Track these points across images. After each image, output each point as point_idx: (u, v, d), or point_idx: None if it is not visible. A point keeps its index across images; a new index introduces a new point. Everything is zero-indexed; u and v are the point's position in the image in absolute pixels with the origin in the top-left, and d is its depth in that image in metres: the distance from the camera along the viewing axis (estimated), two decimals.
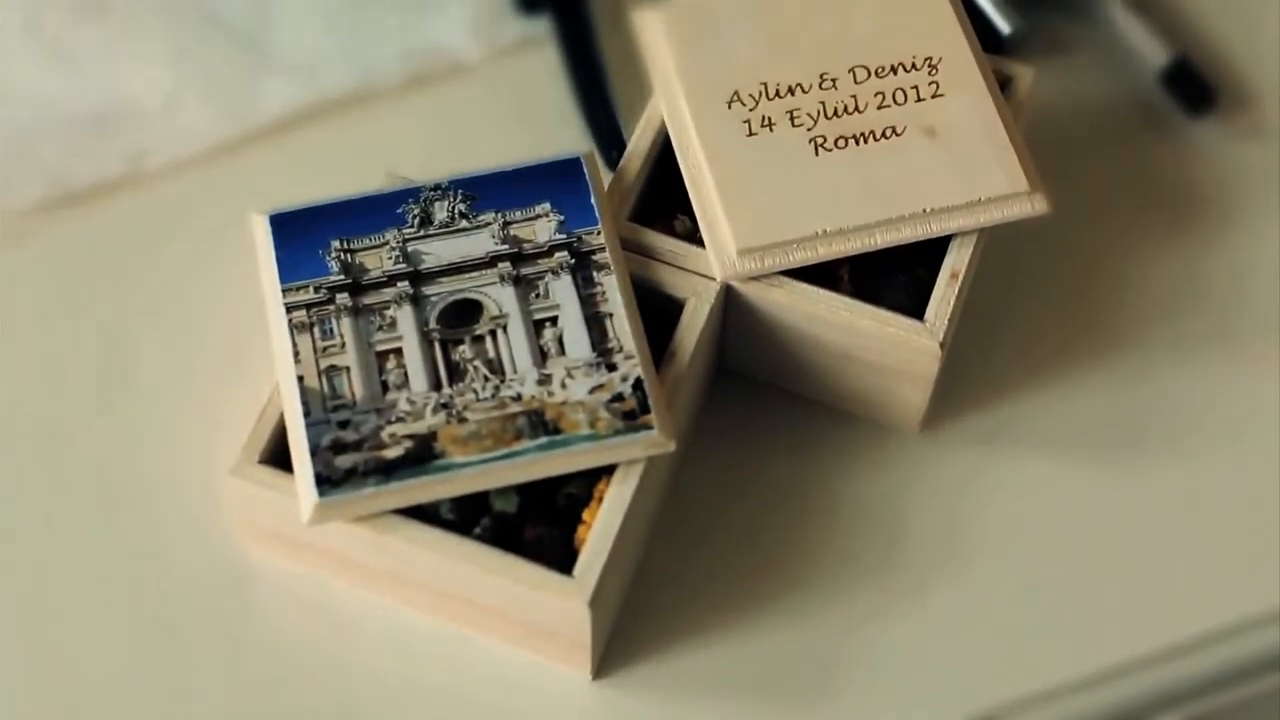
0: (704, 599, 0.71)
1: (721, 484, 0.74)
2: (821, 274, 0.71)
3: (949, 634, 0.71)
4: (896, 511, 0.73)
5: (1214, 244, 0.81)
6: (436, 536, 0.65)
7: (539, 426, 0.66)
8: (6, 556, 0.72)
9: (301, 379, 0.67)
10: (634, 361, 0.67)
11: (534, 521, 0.67)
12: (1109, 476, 0.75)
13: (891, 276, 0.72)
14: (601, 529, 0.65)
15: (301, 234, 0.70)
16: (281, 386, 0.67)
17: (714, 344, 0.74)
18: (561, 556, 0.65)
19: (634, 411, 0.66)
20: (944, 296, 0.71)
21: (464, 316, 0.69)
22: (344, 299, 0.69)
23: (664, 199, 0.74)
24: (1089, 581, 0.72)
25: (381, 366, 0.68)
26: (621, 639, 0.70)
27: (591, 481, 0.67)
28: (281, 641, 0.70)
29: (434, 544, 0.65)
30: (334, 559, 0.69)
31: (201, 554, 0.72)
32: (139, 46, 0.86)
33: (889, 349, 0.71)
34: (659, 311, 0.71)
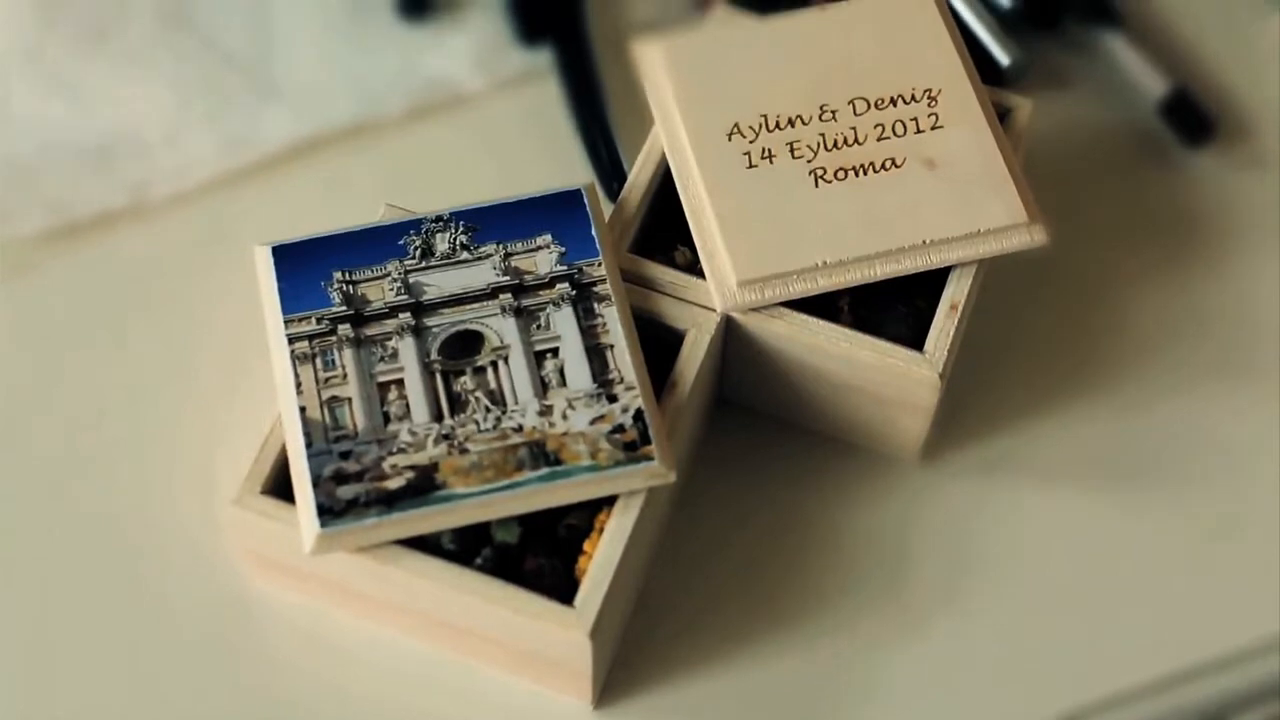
0: (705, 629, 0.71)
1: (722, 514, 0.74)
2: (821, 305, 0.71)
3: (951, 664, 0.71)
4: (897, 542, 0.74)
5: (1214, 274, 0.81)
6: (438, 567, 0.65)
7: (540, 457, 0.66)
8: (9, 582, 0.72)
9: (304, 410, 0.67)
10: (635, 392, 0.68)
11: (535, 552, 0.67)
12: (1110, 506, 0.75)
13: (891, 308, 0.72)
14: (602, 559, 0.65)
15: (303, 265, 0.70)
16: (284, 417, 0.68)
17: (714, 375, 0.74)
18: (562, 587, 0.65)
19: (635, 442, 0.66)
20: (944, 328, 0.71)
21: (465, 348, 0.69)
22: (346, 330, 0.69)
23: (664, 230, 0.74)
24: (1090, 611, 0.72)
25: (383, 397, 0.68)
26: (622, 669, 0.70)
27: (592, 512, 0.67)
28: (283, 670, 0.70)
29: (435, 574, 0.65)
30: (335, 589, 0.69)
31: (203, 583, 0.72)
32: (141, 77, 0.86)
33: (889, 380, 0.71)
34: (660, 342, 0.71)
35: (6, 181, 0.82)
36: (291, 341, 0.69)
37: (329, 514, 0.65)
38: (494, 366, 0.69)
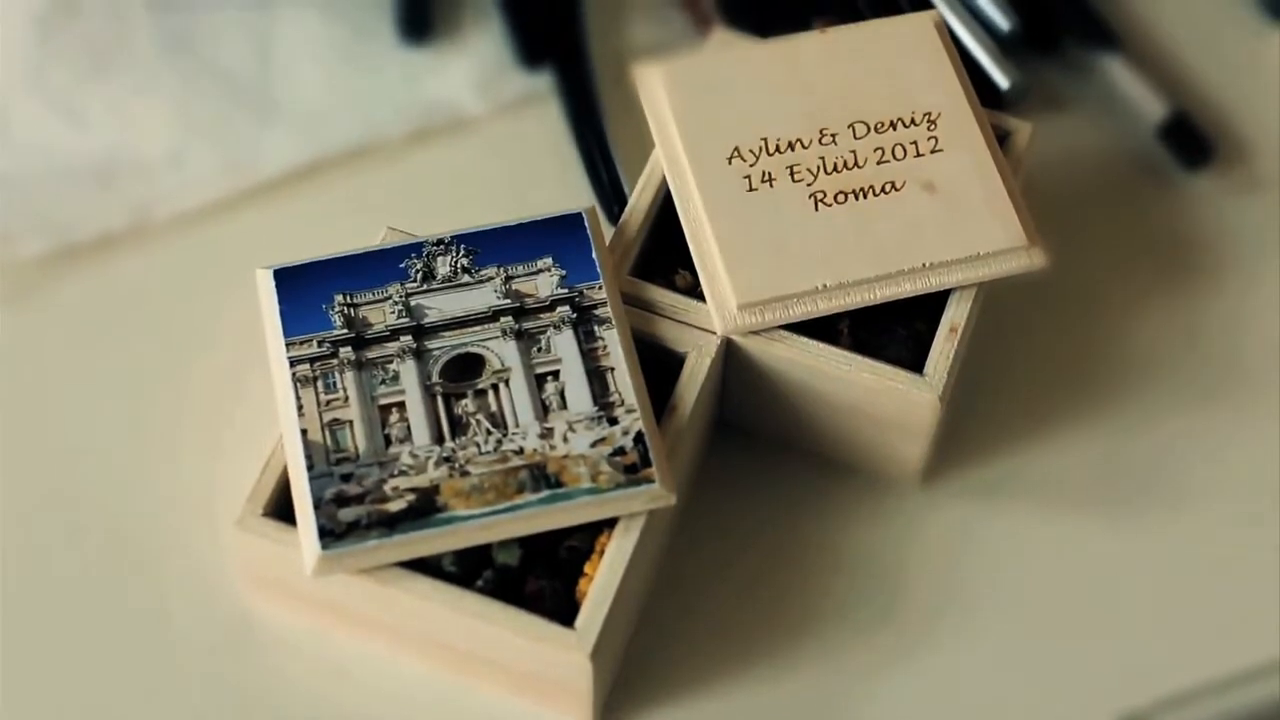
0: (705, 651, 0.71)
1: (722, 536, 0.74)
2: (821, 328, 0.71)
3: (950, 687, 0.71)
4: (897, 564, 0.74)
5: (1213, 297, 0.81)
6: (439, 589, 0.65)
7: (541, 480, 0.66)
8: (10, 602, 0.72)
9: (305, 432, 0.67)
10: (635, 415, 0.68)
11: (536, 574, 0.67)
12: (1110, 529, 0.75)
13: (891, 330, 0.72)
14: (603, 581, 0.65)
15: (305, 288, 0.70)
16: (285, 439, 0.68)
17: (714, 397, 0.74)
18: (563, 609, 0.65)
19: (635, 465, 0.67)
20: (943, 350, 0.71)
21: (466, 370, 0.69)
22: (347, 353, 0.69)
23: (665, 253, 0.75)
24: (1090, 634, 0.72)
25: (384, 420, 0.68)
26: (623, 690, 0.70)
27: (593, 534, 0.67)
28: (284, 692, 0.70)
29: (436, 596, 0.65)
30: (336, 610, 0.69)
31: (204, 605, 0.72)
32: (143, 100, 0.86)
33: (889, 402, 0.71)
34: (660, 365, 0.71)
35: (8, 203, 0.82)
36: (293, 364, 0.69)
37: (330, 536, 0.65)
38: (495, 389, 0.69)
